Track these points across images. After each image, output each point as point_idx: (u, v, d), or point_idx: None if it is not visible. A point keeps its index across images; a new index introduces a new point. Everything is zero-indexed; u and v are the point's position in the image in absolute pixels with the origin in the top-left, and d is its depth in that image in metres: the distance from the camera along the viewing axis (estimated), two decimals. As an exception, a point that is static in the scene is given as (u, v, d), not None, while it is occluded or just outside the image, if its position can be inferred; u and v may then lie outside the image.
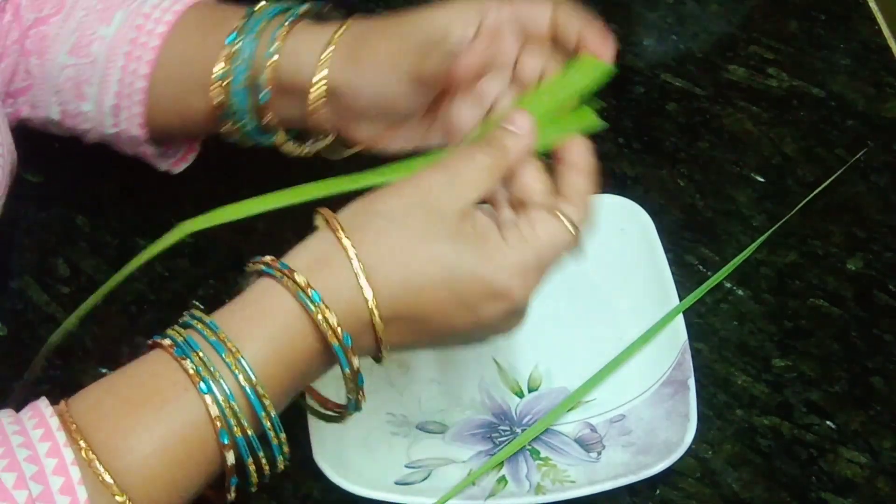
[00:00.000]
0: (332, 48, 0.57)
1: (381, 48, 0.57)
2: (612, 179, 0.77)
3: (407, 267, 0.47)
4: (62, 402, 0.46)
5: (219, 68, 0.60)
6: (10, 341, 0.70)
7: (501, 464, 0.62)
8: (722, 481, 0.63)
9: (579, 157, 0.52)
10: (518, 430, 0.64)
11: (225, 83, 0.60)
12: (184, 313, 0.48)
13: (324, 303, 0.46)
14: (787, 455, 0.64)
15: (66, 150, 0.69)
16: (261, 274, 0.49)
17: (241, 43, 0.59)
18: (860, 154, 0.78)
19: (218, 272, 0.73)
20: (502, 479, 0.62)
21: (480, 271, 0.47)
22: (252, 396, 0.45)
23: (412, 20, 0.57)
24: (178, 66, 0.62)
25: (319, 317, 0.46)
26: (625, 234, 0.71)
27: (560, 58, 0.56)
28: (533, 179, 0.51)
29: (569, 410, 0.65)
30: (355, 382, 0.49)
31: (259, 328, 0.47)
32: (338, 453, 0.61)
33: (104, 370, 0.68)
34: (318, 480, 0.60)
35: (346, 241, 0.47)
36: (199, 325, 0.47)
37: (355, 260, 0.47)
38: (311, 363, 0.48)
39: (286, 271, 0.47)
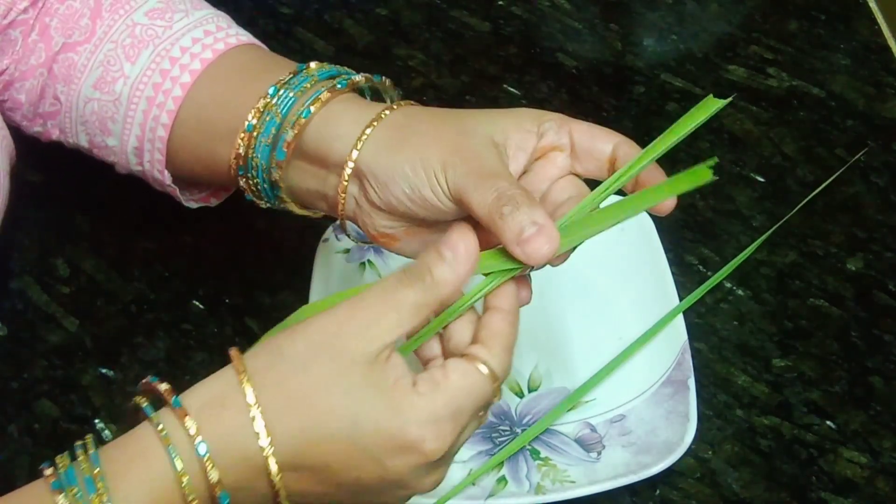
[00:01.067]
0: (372, 127, 0.52)
1: (427, 140, 0.51)
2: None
3: (307, 416, 0.44)
4: None
5: (251, 118, 0.56)
6: (10, 341, 0.70)
7: (501, 464, 0.62)
8: (722, 481, 0.63)
9: (503, 300, 0.48)
10: (518, 430, 0.64)
11: (253, 135, 0.56)
12: (77, 442, 0.45)
13: (209, 457, 0.43)
14: (787, 455, 0.64)
15: (67, 150, 0.69)
16: (157, 403, 0.45)
17: (279, 97, 0.55)
18: (860, 154, 0.78)
19: (218, 272, 0.73)
20: (502, 479, 0.62)
21: (386, 424, 0.44)
22: None
23: (469, 119, 0.53)
24: (208, 110, 0.59)
25: (185, 478, 0.43)
26: (625, 234, 0.71)
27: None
28: (461, 327, 0.48)
29: (569, 410, 0.65)
30: None
31: (136, 470, 0.43)
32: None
33: (104, 370, 0.68)
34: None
35: (245, 384, 0.44)
36: (82, 457, 0.44)
37: (254, 404, 0.43)
38: None
39: (178, 410, 0.44)
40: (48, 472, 0.44)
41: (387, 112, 0.53)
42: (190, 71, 0.60)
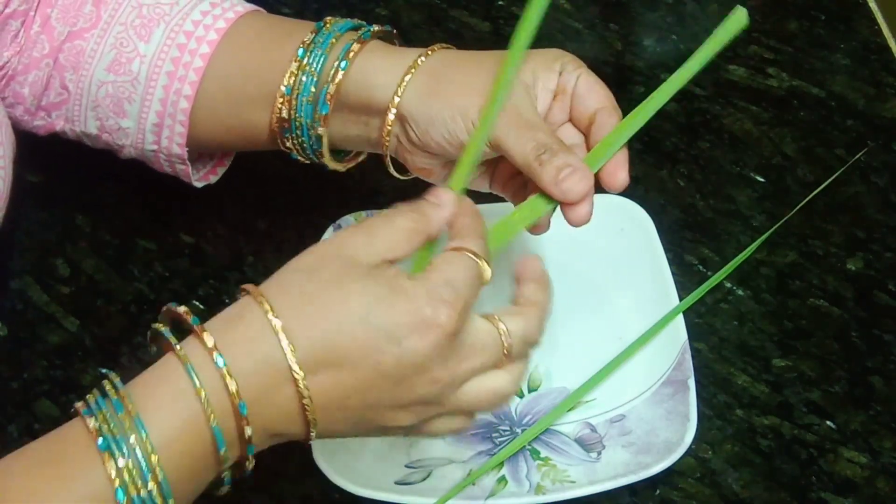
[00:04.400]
0: (411, 74, 0.56)
1: (464, 88, 0.55)
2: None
3: (323, 313, 0.46)
4: None
5: (287, 81, 0.59)
6: (10, 341, 0.70)
7: (501, 464, 0.62)
8: (722, 481, 0.63)
9: (465, 207, 0.52)
10: (518, 430, 0.64)
11: (292, 97, 0.59)
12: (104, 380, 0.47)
13: (227, 368, 0.45)
14: (787, 455, 0.64)
15: (67, 150, 0.69)
16: (176, 327, 0.47)
17: (310, 57, 0.58)
18: (860, 154, 0.78)
19: (218, 272, 0.73)
20: (502, 479, 0.62)
21: (397, 304, 0.46)
22: (142, 459, 0.44)
23: (498, 66, 0.55)
24: (235, 80, 0.61)
25: (203, 393, 0.45)
26: (625, 234, 0.71)
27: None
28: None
29: (569, 410, 0.65)
30: (244, 454, 0.47)
31: (161, 389, 0.46)
32: (338, 453, 0.61)
33: (104, 370, 0.68)
34: (318, 480, 0.60)
35: (260, 298, 0.46)
36: (108, 385, 0.46)
37: (269, 310, 0.46)
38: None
39: (196, 328, 0.46)
40: (79, 404, 0.46)
41: (422, 59, 0.57)
42: (207, 42, 0.61)
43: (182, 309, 0.47)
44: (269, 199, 0.76)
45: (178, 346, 0.46)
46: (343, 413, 0.48)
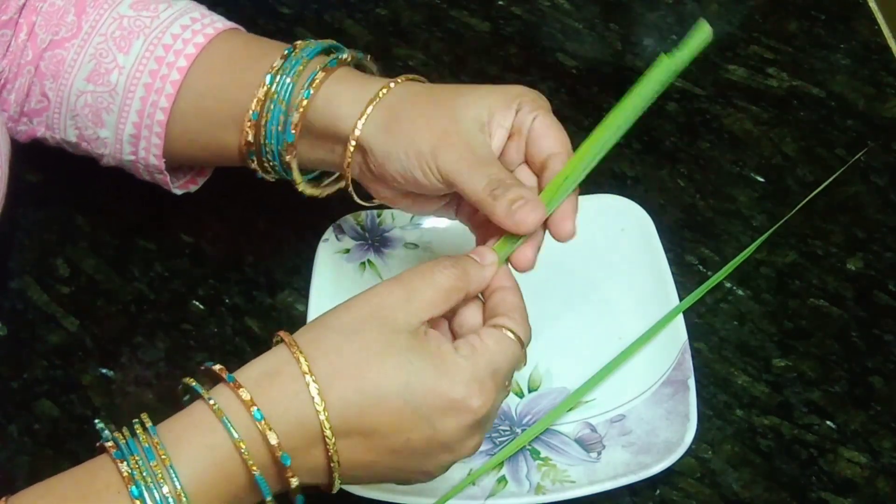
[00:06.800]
0: (373, 106, 0.56)
1: (417, 125, 0.55)
2: (612, 179, 0.77)
3: (360, 380, 0.46)
4: (2, 501, 0.45)
5: (254, 106, 0.59)
6: (10, 341, 0.70)
7: (501, 464, 0.62)
8: (722, 481, 0.63)
9: (507, 280, 0.53)
10: (518, 430, 0.64)
11: (261, 122, 0.60)
12: (134, 420, 0.47)
13: (265, 421, 0.45)
14: (787, 455, 0.64)
15: (66, 150, 0.69)
16: (213, 380, 0.48)
17: (277, 84, 0.59)
18: (860, 154, 0.78)
19: (218, 272, 0.73)
20: (502, 479, 0.62)
21: (436, 384, 0.47)
22: None
23: (459, 100, 0.56)
24: (207, 100, 0.62)
25: (243, 445, 0.45)
26: (625, 234, 0.71)
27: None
28: (474, 315, 0.52)
29: (569, 410, 0.65)
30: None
31: (194, 439, 0.46)
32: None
33: (104, 370, 0.68)
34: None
35: (298, 355, 0.47)
36: (139, 430, 0.46)
37: (307, 371, 0.46)
38: (252, 478, 0.46)
39: (232, 384, 0.46)
40: (109, 444, 0.46)
41: (384, 91, 0.57)
42: (185, 55, 0.62)
43: (217, 367, 0.47)
44: (268, 199, 0.76)
45: (211, 401, 0.46)
46: (367, 471, 0.49)
